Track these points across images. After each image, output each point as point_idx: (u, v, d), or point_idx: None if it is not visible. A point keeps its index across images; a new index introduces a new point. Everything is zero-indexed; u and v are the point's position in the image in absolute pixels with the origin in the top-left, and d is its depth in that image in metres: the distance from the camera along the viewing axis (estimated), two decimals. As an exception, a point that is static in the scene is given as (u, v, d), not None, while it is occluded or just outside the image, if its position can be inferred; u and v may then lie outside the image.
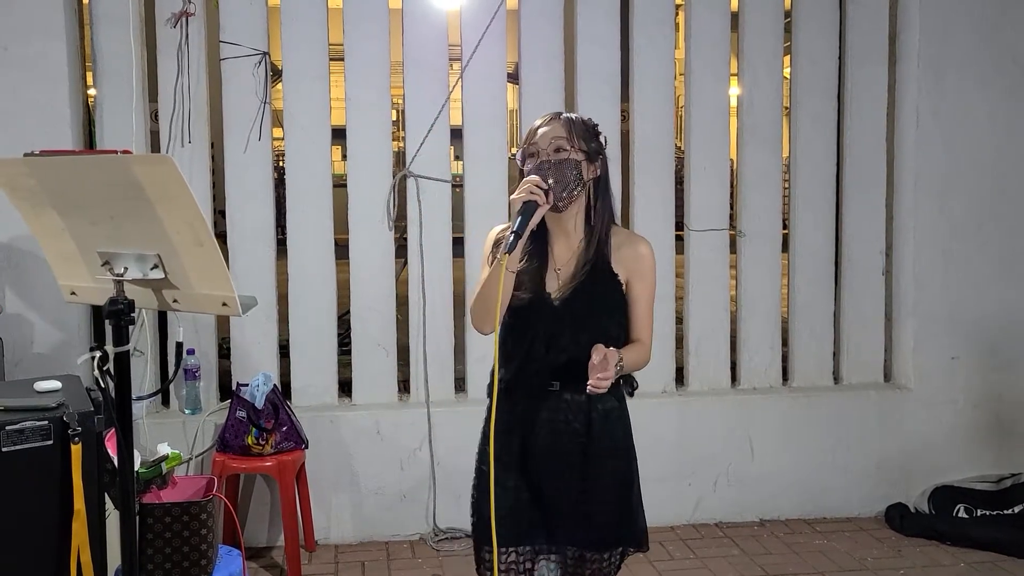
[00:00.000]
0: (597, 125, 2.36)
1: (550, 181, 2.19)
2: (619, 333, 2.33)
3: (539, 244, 2.29)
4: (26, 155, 2.68)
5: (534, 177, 2.19)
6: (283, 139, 4.08)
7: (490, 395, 2.33)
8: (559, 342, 2.27)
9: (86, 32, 3.93)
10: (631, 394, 2.39)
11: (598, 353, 2.11)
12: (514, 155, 2.38)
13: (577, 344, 2.24)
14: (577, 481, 2.30)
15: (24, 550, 2.43)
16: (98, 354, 1.91)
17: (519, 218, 2.14)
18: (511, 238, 2.11)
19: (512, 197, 2.20)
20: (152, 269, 1.92)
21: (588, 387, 2.11)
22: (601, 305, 2.30)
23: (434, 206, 4.13)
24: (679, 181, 4.37)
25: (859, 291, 4.46)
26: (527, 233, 2.15)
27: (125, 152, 3.48)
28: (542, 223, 2.28)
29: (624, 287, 2.32)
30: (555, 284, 2.29)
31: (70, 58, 3.81)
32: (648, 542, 2.43)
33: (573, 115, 2.33)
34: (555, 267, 2.30)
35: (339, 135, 4.16)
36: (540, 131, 2.28)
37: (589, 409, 2.29)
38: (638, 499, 2.40)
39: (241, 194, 4.03)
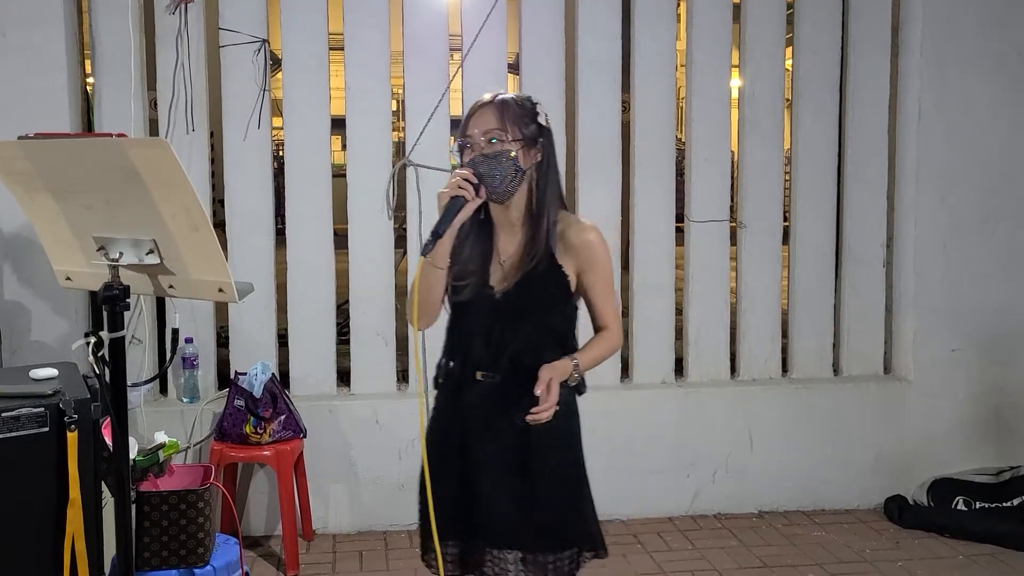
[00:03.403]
0: (536, 105, 2.21)
1: (487, 170, 2.10)
2: (564, 327, 2.25)
3: (484, 235, 2.23)
4: (20, 138, 2.67)
5: (463, 171, 2.10)
6: (282, 128, 4.07)
7: (438, 388, 2.29)
8: (501, 336, 2.19)
9: (85, 19, 3.91)
10: (580, 394, 2.29)
11: (541, 384, 2.07)
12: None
13: (519, 338, 2.19)
14: (519, 477, 2.21)
15: (19, 538, 2.42)
16: (93, 340, 1.91)
17: (441, 215, 2.07)
18: (430, 239, 2.05)
19: (438, 192, 2.12)
20: (148, 254, 1.91)
21: (528, 418, 2.08)
22: (543, 299, 2.20)
23: (434, 196, 4.08)
24: (680, 172, 4.35)
25: (860, 283, 4.45)
26: (454, 229, 2.09)
27: (121, 135, 3.46)
28: (487, 214, 2.23)
29: (570, 278, 2.21)
30: (499, 276, 2.22)
31: (68, 45, 3.79)
32: (605, 546, 2.31)
33: (508, 97, 2.18)
34: (500, 259, 2.23)
35: (339, 124, 4.14)
36: (471, 121, 2.16)
37: (532, 404, 2.13)
38: (587, 498, 2.31)
39: (240, 183, 4.02)
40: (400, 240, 4.26)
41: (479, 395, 2.23)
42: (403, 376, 4.23)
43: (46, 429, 2.41)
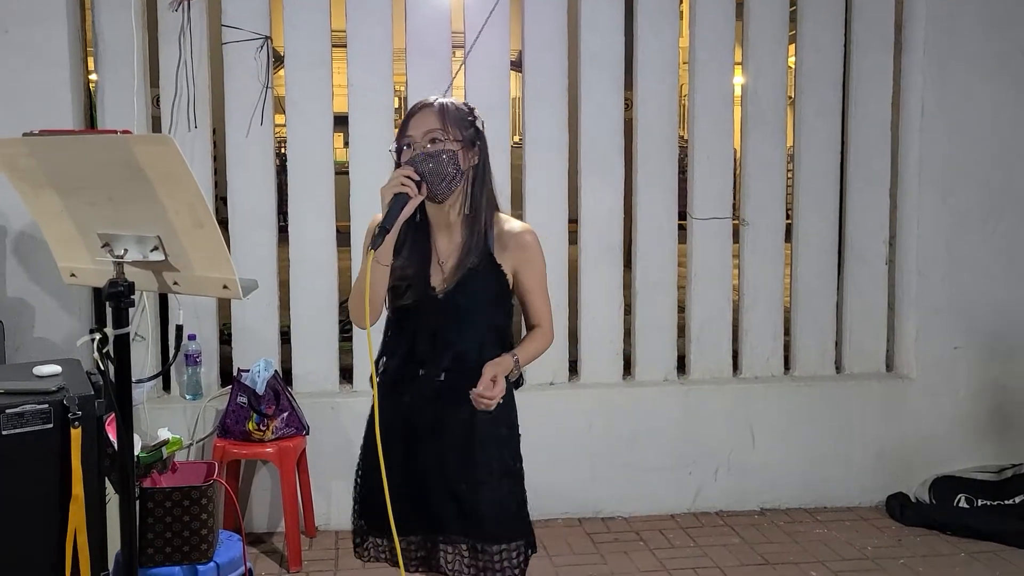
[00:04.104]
0: (473, 110, 2.28)
1: (428, 167, 2.14)
2: (504, 323, 2.33)
3: (421, 237, 2.27)
4: (25, 135, 2.66)
5: (404, 169, 2.15)
6: (285, 126, 4.07)
7: (379, 386, 2.33)
8: (445, 336, 2.25)
9: (87, 16, 3.91)
10: (517, 386, 2.35)
11: (484, 382, 2.14)
12: (517, 143, 2.35)
13: (462, 337, 2.25)
14: (460, 472, 2.28)
15: (23, 533, 2.42)
16: (97, 336, 1.91)
17: (387, 211, 2.10)
18: (377, 232, 2.08)
19: (382, 189, 2.15)
20: (152, 251, 1.91)
21: (476, 404, 2.16)
22: (485, 297, 2.27)
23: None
24: (682, 170, 4.35)
25: (862, 281, 4.45)
26: (397, 226, 2.12)
27: (125, 132, 3.47)
28: (424, 216, 2.27)
29: (509, 277, 2.28)
30: (439, 277, 2.26)
31: (71, 42, 3.79)
32: (535, 542, 2.37)
33: (446, 101, 2.25)
34: (438, 260, 2.27)
35: (341, 122, 4.14)
36: (412, 122, 2.21)
37: (470, 399, 2.21)
38: (523, 493, 2.36)
39: (243, 179, 4.02)
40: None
41: (421, 392, 2.28)
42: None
43: (50, 425, 2.41)
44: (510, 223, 2.32)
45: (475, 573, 2.28)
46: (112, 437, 2.49)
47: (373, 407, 2.26)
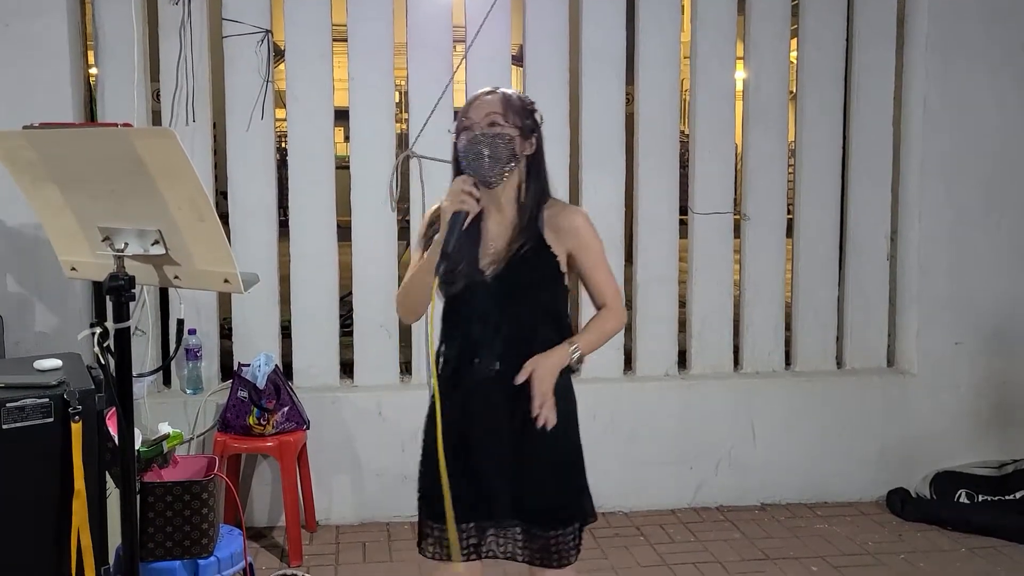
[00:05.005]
0: (533, 103, 2.33)
1: (485, 149, 2.18)
2: (556, 307, 2.33)
3: (472, 220, 2.27)
4: (25, 128, 2.66)
5: (465, 181, 2.19)
6: (286, 120, 4.06)
7: (431, 375, 2.34)
8: (496, 319, 2.26)
9: (87, 9, 3.90)
10: (573, 372, 2.35)
11: (523, 375, 2.17)
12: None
13: (514, 321, 2.26)
14: (517, 459, 2.29)
15: (23, 527, 2.42)
16: (98, 330, 1.90)
17: (448, 231, 2.15)
18: (440, 258, 2.14)
19: (443, 206, 2.20)
20: (153, 245, 1.90)
21: (538, 420, 2.18)
22: (534, 279, 2.29)
23: (437, 188, 4.10)
24: (683, 164, 4.34)
25: (863, 276, 4.45)
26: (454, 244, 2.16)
27: (126, 125, 3.46)
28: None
29: (559, 259, 2.29)
30: (488, 259, 2.28)
31: (71, 35, 3.78)
32: (595, 512, 2.40)
33: (508, 90, 2.31)
34: (488, 244, 2.29)
35: (342, 116, 4.13)
36: (474, 107, 2.26)
37: (530, 386, 2.22)
38: (583, 474, 2.38)
39: (243, 174, 4.01)
40: (403, 232, 4.25)
41: (477, 381, 2.28)
42: (406, 368, 4.23)
43: (50, 420, 2.41)
44: (561, 205, 2.35)
45: (530, 556, 2.31)
46: (113, 431, 2.48)
47: (434, 397, 2.24)
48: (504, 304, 2.26)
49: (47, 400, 2.40)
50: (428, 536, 2.38)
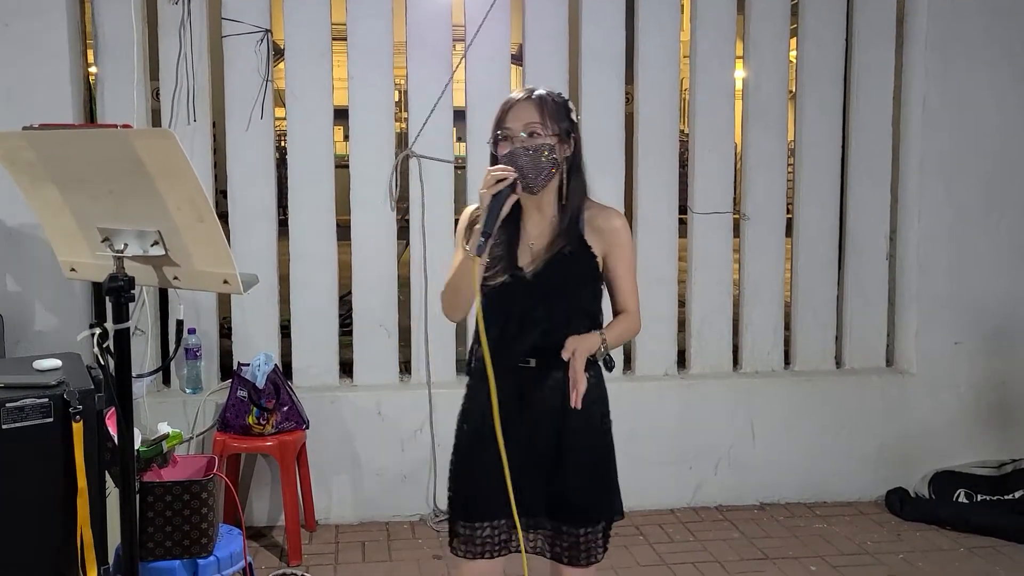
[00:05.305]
0: (568, 101, 2.31)
1: (526, 162, 2.16)
2: (592, 306, 2.34)
3: (511, 219, 2.26)
4: (25, 128, 2.66)
5: (496, 168, 2.16)
6: (285, 119, 4.06)
7: (470, 373, 2.37)
8: (533, 317, 2.27)
9: (87, 9, 3.90)
10: (609, 369, 2.38)
11: (567, 351, 2.14)
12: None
13: (551, 318, 2.27)
14: (552, 457, 2.30)
15: (23, 527, 2.42)
16: (98, 331, 1.90)
17: (487, 215, 2.12)
18: (481, 240, 2.10)
19: (480, 191, 2.17)
20: (152, 246, 1.90)
21: (572, 400, 2.16)
22: (574, 278, 2.29)
23: (436, 187, 4.11)
24: (683, 164, 4.34)
25: (863, 275, 4.45)
26: (497, 227, 2.14)
27: (125, 126, 3.46)
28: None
29: (598, 260, 2.31)
30: (527, 259, 2.28)
31: (70, 35, 3.78)
32: (623, 510, 2.44)
33: (544, 93, 2.27)
34: (527, 242, 2.30)
35: (341, 115, 4.13)
36: (511, 113, 2.23)
37: (565, 384, 2.22)
38: (614, 473, 2.40)
39: (242, 173, 4.01)
40: (403, 231, 4.25)
41: (513, 379, 2.28)
42: (405, 367, 4.23)
43: (50, 420, 2.41)
44: (599, 207, 2.35)
45: (558, 552, 2.33)
46: (112, 431, 2.48)
47: (470, 396, 2.27)
48: (543, 302, 2.27)
49: (47, 400, 2.40)
50: (459, 535, 2.36)
